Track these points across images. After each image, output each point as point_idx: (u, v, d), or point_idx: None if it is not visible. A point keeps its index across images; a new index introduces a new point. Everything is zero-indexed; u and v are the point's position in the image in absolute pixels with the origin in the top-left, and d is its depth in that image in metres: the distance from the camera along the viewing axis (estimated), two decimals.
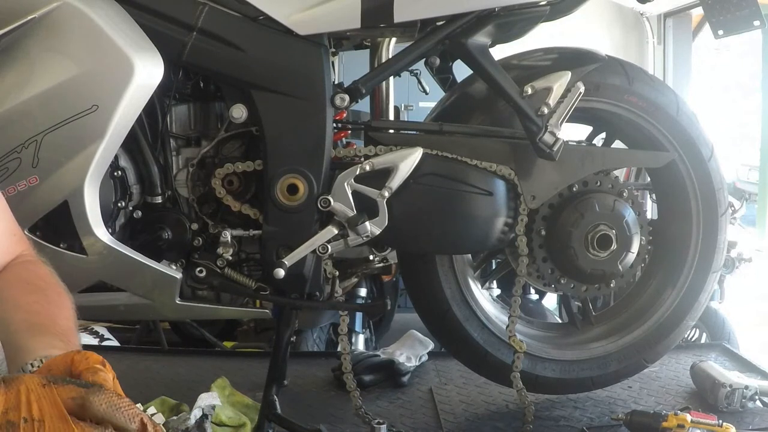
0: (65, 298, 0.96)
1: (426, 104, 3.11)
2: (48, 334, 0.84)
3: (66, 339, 0.85)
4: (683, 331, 1.81)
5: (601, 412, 1.75)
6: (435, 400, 1.82)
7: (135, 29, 1.42)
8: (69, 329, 0.89)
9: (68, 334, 0.87)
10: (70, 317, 0.92)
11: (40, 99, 1.35)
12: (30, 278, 0.97)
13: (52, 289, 0.96)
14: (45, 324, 0.86)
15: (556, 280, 1.67)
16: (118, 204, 1.52)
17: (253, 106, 1.49)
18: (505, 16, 1.54)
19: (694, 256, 1.75)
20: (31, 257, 1.03)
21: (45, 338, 0.83)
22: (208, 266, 1.55)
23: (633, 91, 1.65)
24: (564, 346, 1.78)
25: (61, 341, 0.83)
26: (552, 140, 1.51)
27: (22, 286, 0.94)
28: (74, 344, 0.85)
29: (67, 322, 0.90)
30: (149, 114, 1.52)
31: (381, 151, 1.53)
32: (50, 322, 0.87)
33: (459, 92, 1.71)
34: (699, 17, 4.52)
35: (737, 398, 1.70)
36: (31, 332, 0.84)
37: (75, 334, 0.90)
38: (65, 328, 0.88)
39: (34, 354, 0.79)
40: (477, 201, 1.55)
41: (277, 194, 1.50)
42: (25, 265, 1.00)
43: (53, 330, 0.86)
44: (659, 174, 1.76)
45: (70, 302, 0.96)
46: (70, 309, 0.94)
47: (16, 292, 0.92)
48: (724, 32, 1.64)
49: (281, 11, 1.48)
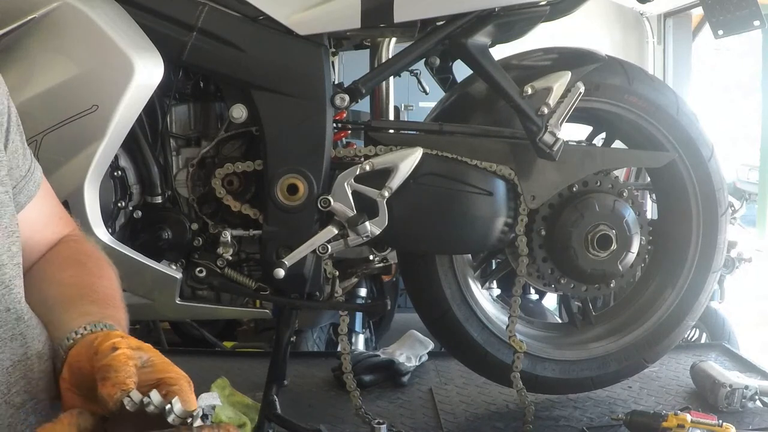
0: (106, 268, 0.95)
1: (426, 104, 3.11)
2: (82, 303, 0.82)
3: (103, 304, 0.83)
4: (683, 331, 1.81)
5: (601, 412, 1.75)
6: (435, 400, 1.82)
7: (135, 29, 1.42)
8: (108, 296, 0.87)
9: (106, 300, 0.85)
10: (111, 285, 0.91)
11: (40, 99, 1.35)
12: (70, 254, 0.95)
13: (92, 261, 0.95)
14: (79, 294, 0.85)
15: (556, 280, 1.67)
16: (118, 204, 1.52)
17: (253, 106, 1.49)
18: (505, 16, 1.54)
19: (694, 256, 1.75)
20: (77, 236, 1.01)
21: (78, 308, 0.81)
22: (208, 266, 1.55)
23: (633, 91, 1.65)
24: (564, 346, 1.78)
25: (97, 306, 0.82)
26: (552, 140, 1.51)
27: (60, 263, 0.93)
28: (112, 308, 0.84)
29: (106, 289, 0.88)
30: (149, 114, 1.52)
31: (381, 151, 1.53)
32: (86, 291, 0.85)
33: (459, 92, 1.71)
34: (699, 17, 4.52)
35: (737, 398, 1.70)
36: (64, 306, 0.82)
37: (115, 298, 0.88)
38: (103, 295, 0.86)
39: (68, 327, 0.78)
40: (477, 201, 1.55)
41: (277, 194, 1.50)
42: (68, 243, 0.98)
43: (89, 298, 0.84)
44: (659, 174, 1.76)
45: (113, 272, 0.95)
46: (112, 278, 0.93)
47: (54, 269, 0.91)
48: (724, 32, 1.64)
49: (281, 11, 1.48)
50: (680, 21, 4.61)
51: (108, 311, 0.82)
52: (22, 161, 0.87)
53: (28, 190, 0.89)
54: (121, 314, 0.85)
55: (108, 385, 0.66)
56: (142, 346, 0.72)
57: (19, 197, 0.87)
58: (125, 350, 0.69)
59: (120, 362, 0.68)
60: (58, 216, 1.00)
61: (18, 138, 0.86)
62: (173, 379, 0.70)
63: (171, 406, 0.64)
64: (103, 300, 0.85)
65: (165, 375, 0.70)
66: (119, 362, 0.68)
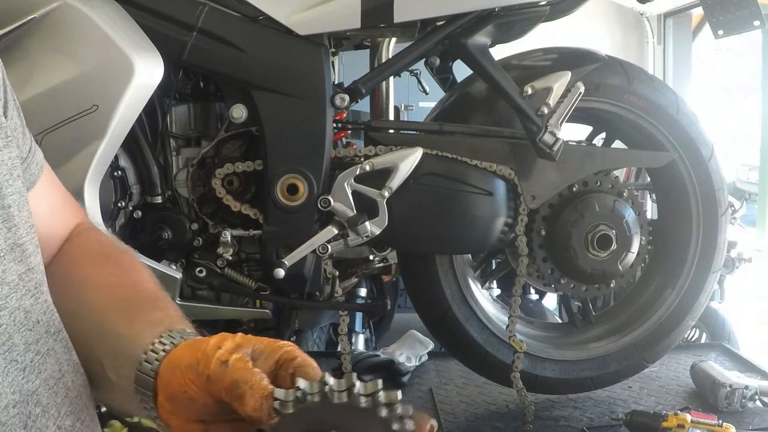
0: (133, 257, 0.85)
1: (426, 104, 3.11)
2: (140, 309, 0.72)
3: (161, 305, 0.73)
4: (683, 331, 1.81)
5: (601, 412, 1.75)
6: (435, 400, 1.82)
7: (135, 29, 1.42)
8: (155, 291, 0.77)
9: (158, 298, 0.75)
10: (150, 278, 0.80)
11: (40, 99, 1.35)
12: (96, 248, 0.84)
13: (122, 255, 0.84)
14: (131, 298, 0.74)
15: (556, 280, 1.67)
16: (118, 204, 1.52)
17: (253, 106, 1.49)
18: (505, 16, 1.54)
19: (694, 256, 1.75)
20: (89, 225, 0.89)
21: (141, 316, 0.70)
22: (208, 266, 1.55)
23: (633, 91, 1.65)
24: (564, 346, 1.78)
25: (159, 310, 0.72)
26: (552, 140, 1.51)
27: (92, 261, 0.81)
28: (171, 306, 0.74)
29: (148, 283, 0.79)
30: (149, 114, 1.52)
31: (381, 151, 1.53)
32: (136, 294, 0.75)
33: (459, 92, 1.71)
34: (699, 17, 4.52)
35: (737, 398, 1.70)
36: (123, 314, 0.71)
37: (161, 291, 0.78)
38: (154, 294, 0.76)
39: (138, 341, 0.66)
40: (477, 201, 1.55)
41: (277, 194, 1.50)
42: (87, 235, 0.86)
43: (145, 302, 0.74)
44: (659, 174, 1.76)
45: (138, 260, 0.85)
46: (145, 269, 0.82)
47: (88, 269, 0.79)
48: (724, 32, 1.64)
49: (281, 11, 1.48)
50: (680, 21, 4.61)
51: (169, 312, 0.72)
52: (22, 141, 0.75)
53: (31, 174, 0.77)
54: (175, 307, 0.75)
55: (249, 401, 0.58)
56: (236, 340, 0.63)
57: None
58: (234, 357, 0.60)
59: (241, 370, 0.59)
60: (65, 202, 0.88)
61: (16, 114, 0.75)
62: (289, 352, 0.63)
63: (378, 396, 0.55)
64: (155, 299, 0.75)
65: (279, 353, 0.63)
66: (241, 372, 0.59)
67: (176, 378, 0.62)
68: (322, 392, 0.55)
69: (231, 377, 0.59)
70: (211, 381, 0.60)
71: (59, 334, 0.68)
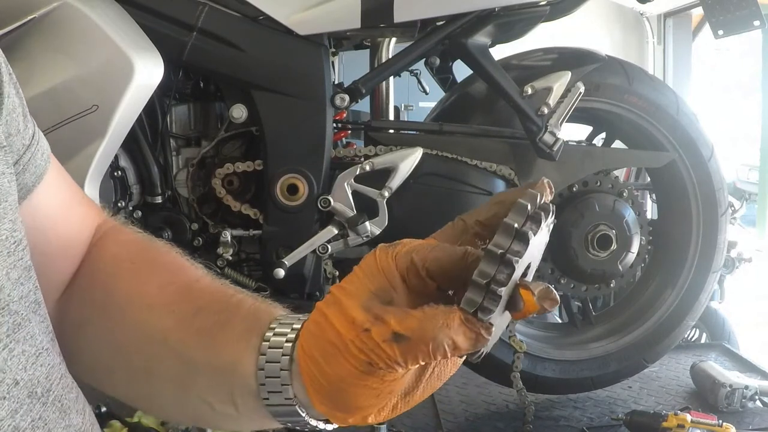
0: (172, 252, 0.69)
1: (426, 104, 3.11)
2: (220, 321, 0.58)
3: (234, 303, 0.60)
4: (683, 331, 1.81)
5: (601, 412, 1.75)
6: (435, 400, 1.82)
7: (135, 29, 1.42)
8: (215, 287, 0.64)
9: (225, 293, 0.62)
10: (199, 269, 0.67)
11: (40, 99, 1.35)
12: (131, 253, 0.67)
13: (159, 253, 0.68)
14: (202, 309, 0.60)
15: (556, 280, 1.67)
16: (118, 204, 1.52)
17: (253, 106, 1.49)
18: (505, 16, 1.54)
19: (694, 256, 1.75)
20: (111, 222, 0.73)
21: (226, 332, 0.57)
22: (208, 266, 1.53)
23: (633, 91, 1.65)
24: (564, 346, 1.78)
25: (235, 312, 0.59)
26: (552, 140, 1.51)
27: (133, 271, 0.64)
28: (242, 300, 0.61)
29: (205, 279, 0.65)
30: (149, 114, 1.52)
31: (381, 151, 1.53)
32: (202, 302, 0.61)
33: (459, 92, 1.71)
34: (699, 17, 4.53)
35: (737, 398, 1.70)
36: (204, 338, 0.58)
37: (218, 280, 0.66)
38: (214, 291, 0.63)
39: (246, 366, 0.55)
40: (477, 201, 1.55)
41: (277, 194, 1.50)
42: (113, 236, 0.69)
43: (218, 310, 0.59)
44: (659, 174, 1.76)
45: (177, 253, 0.69)
46: (191, 262, 0.68)
47: (135, 284, 0.63)
48: (724, 32, 1.64)
49: (281, 11, 1.48)
50: (680, 21, 4.62)
51: (245, 306, 0.60)
52: (23, 125, 0.57)
53: (36, 165, 0.59)
54: (241, 293, 0.63)
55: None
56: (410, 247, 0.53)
57: (24, 177, 0.58)
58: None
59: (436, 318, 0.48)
60: (81, 199, 0.71)
61: (14, 92, 0.57)
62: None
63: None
64: (224, 297, 0.62)
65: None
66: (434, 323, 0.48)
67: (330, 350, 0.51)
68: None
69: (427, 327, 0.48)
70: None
71: (49, 395, 0.50)
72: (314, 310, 0.55)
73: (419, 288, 0.52)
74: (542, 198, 0.52)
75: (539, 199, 0.51)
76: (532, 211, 0.50)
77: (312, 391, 0.52)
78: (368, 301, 0.50)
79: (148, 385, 0.60)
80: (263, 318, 0.58)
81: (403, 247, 0.53)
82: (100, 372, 0.61)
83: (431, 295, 0.52)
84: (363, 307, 0.50)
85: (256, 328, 0.57)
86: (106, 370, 0.61)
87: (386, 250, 0.53)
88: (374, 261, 0.52)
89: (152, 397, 0.59)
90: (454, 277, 0.51)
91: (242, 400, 0.56)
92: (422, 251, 0.52)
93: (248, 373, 0.55)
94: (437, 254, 0.52)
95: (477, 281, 0.48)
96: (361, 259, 0.54)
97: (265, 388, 0.54)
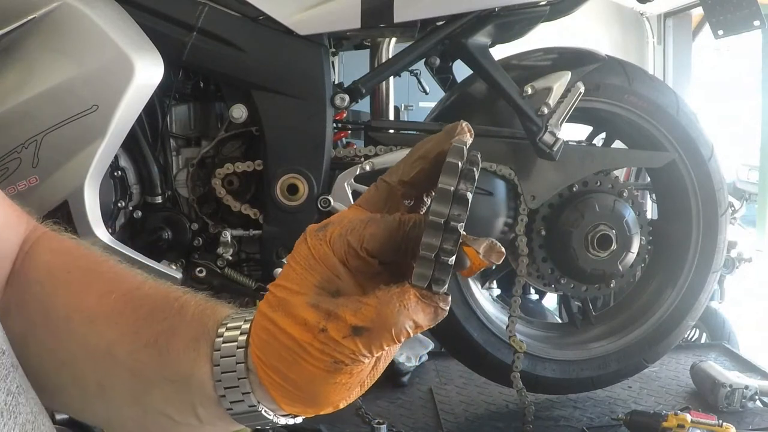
0: (108, 258, 0.63)
1: (426, 104, 3.11)
2: (167, 331, 0.55)
3: (176, 307, 0.57)
4: (683, 331, 1.81)
5: (601, 412, 1.75)
6: (435, 400, 1.82)
7: (135, 29, 1.42)
8: (156, 291, 0.59)
9: (167, 297, 0.58)
10: (136, 273, 0.61)
11: (40, 99, 1.35)
12: (66, 262, 0.62)
13: (95, 262, 0.62)
14: (145, 318, 0.56)
15: (556, 280, 1.67)
16: (118, 204, 1.52)
17: (253, 106, 1.49)
18: (505, 16, 1.54)
19: (694, 256, 1.75)
20: (40, 229, 0.65)
21: (175, 342, 0.55)
22: (208, 266, 1.55)
23: (633, 91, 1.65)
24: (564, 346, 1.78)
25: (180, 316, 0.56)
26: (552, 140, 1.51)
27: (70, 282, 0.59)
28: (185, 302, 0.57)
29: (145, 285, 0.60)
30: (149, 114, 1.52)
31: (381, 151, 1.53)
32: (145, 311, 0.57)
33: (459, 92, 1.71)
34: (699, 17, 4.53)
35: (737, 398, 1.70)
36: (152, 351, 0.55)
37: (156, 281, 0.60)
38: (156, 297, 0.58)
39: (202, 375, 0.53)
40: (477, 201, 1.55)
41: (277, 194, 1.50)
42: (45, 244, 0.63)
43: (163, 318, 0.56)
44: (659, 174, 1.76)
45: (112, 258, 0.63)
46: (128, 267, 0.62)
47: (71, 296, 0.59)
48: (724, 32, 1.64)
49: (281, 11, 1.49)
50: (680, 21, 4.62)
51: (190, 308, 0.57)
52: None
53: None
54: (181, 292, 0.59)
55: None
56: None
57: None
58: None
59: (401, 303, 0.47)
60: (6, 206, 0.63)
61: None
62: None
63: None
64: (166, 301, 0.57)
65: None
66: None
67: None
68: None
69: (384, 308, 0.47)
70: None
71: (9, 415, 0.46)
72: (257, 313, 0.52)
73: (362, 268, 0.50)
74: (467, 147, 0.49)
75: (466, 152, 0.49)
76: (463, 168, 0.47)
77: (278, 396, 0.51)
78: (315, 297, 0.49)
79: (103, 401, 0.57)
80: (208, 323, 0.55)
81: (335, 229, 0.50)
82: (50, 389, 0.57)
83: (375, 271, 0.51)
84: (311, 306, 0.48)
85: (204, 334, 0.54)
86: (55, 387, 0.58)
87: (318, 237, 0.50)
88: (308, 251, 0.50)
89: (109, 414, 0.57)
90: (394, 249, 0.50)
91: (205, 411, 0.54)
92: (356, 230, 0.50)
93: (206, 385, 0.53)
94: (373, 230, 0.49)
95: (425, 255, 0.47)
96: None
97: (227, 399, 0.53)
